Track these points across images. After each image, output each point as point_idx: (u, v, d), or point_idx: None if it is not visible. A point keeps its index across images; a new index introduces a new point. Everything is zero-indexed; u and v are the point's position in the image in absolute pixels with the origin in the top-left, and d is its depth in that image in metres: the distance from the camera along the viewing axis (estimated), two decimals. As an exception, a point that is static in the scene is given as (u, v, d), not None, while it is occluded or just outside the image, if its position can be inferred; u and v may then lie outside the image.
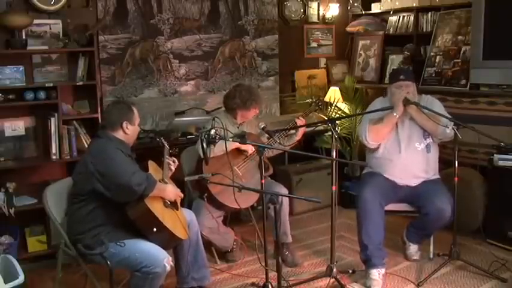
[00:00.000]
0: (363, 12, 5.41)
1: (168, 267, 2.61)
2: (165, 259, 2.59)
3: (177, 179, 3.10)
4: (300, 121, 3.56)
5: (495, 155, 3.66)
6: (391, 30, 5.13)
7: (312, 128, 4.31)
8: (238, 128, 3.58)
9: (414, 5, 4.85)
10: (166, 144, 3.03)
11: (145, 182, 2.60)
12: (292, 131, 3.54)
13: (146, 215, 2.61)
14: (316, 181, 4.64)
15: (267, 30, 4.93)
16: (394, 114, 3.30)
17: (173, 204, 2.86)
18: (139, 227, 2.64)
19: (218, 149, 3.06)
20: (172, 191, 2.83)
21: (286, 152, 4.15)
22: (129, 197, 2.58)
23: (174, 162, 3.06)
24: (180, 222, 2.83)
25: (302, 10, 5.16)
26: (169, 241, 2.74)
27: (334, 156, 3.03)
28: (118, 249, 2.59)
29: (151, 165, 2.96)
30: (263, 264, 2.83)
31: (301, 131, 3.59)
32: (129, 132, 2.81)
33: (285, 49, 5.08)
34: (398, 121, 3.36)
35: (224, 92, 3.92)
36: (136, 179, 2.57)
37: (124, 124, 2.77)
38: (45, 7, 3.65)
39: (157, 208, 2.67)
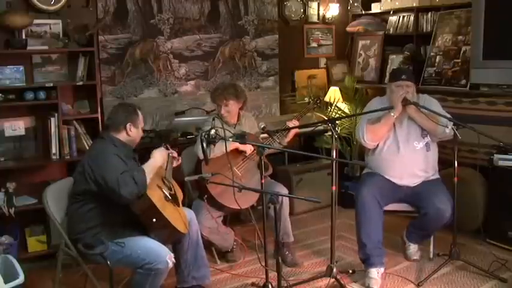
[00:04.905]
0: (363, 12, 5.40)
1: (171, 264, 2.62)
2: (167, 255, 2.60)
3: (177, 179, 3.10)
4: (293, 122, 3.54)
5: (495, 155, 3.67)
6: (391, 30, 5.12)
7: (312, 128, 4.31)
8: (235, 127, 3.57)
9: (414, 5, 4.84)
10: (169, 148, 3.01)
11: (136, 188, 2.54)
12: (284, 133, 3.54)
13: (147, 205, 2.60)
14: (316, 181, 4.63)
15: (267, 30, 4.93)
16: (392, 114, 3.29)
17: (174, 200, 2.86)
18: (139, 218, 2.63)
19: (217, 150, 3.05)
20: (161, 155, 2.83)
21: (286, 152, 4.15)
22: (123, 203, 2.56)
23: (175, 155, 3.06)
24: (181, 217, 2.84)
25: (302, 10, 5.16)
26: (169, 234, 2.74)
27: (334, 156, 3.03)
28: (119, 248, 2.60)
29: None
30: (263, 264, 2.83)
31: (292, 132, 3.59)
32: (131, 134, 2.82)
33: (285, 49, 5.08)
34: (396, 121, 3.35)
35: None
36: (127, 189, 2.51)
37: (128, 126, 2.80)
38: (45, 7, 3.65)
39: (157, 199, 2.66)
